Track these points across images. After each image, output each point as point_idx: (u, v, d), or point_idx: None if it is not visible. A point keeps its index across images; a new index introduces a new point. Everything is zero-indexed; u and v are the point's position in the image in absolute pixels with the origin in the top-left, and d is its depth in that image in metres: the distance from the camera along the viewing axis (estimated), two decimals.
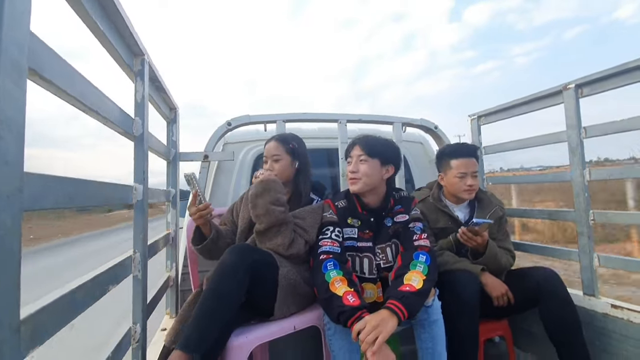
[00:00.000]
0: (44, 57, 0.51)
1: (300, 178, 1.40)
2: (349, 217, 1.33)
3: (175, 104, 1.65)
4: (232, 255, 1.06)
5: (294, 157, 1.39)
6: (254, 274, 1.06)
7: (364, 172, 1.29)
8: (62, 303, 0.59)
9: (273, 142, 1.40)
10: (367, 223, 1.32)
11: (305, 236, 1.26)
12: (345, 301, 1.04)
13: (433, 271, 1.16)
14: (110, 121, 0.82)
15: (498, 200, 1.64)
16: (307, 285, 1.23)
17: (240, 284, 1.02)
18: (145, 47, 1.06)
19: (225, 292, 1.01)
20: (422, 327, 1.14)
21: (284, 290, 1.15)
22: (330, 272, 1.14)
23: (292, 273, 1.19)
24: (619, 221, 1.46)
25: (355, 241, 1.30)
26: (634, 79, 1.29)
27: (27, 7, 0.47)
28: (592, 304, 1.41)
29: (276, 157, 1.37)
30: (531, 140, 1.72)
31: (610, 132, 1.40)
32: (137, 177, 1.05)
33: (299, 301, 1.22)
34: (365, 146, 1.32)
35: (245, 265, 1.05)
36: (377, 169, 1.31)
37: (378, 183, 1.32)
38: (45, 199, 0.50)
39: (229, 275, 1.03)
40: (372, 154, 1.31)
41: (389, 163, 1.34)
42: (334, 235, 1.26)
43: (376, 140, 1.35)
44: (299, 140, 1.45)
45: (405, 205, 1.36)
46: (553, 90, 1.55)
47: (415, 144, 2.29)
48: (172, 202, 1.64)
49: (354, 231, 1.31)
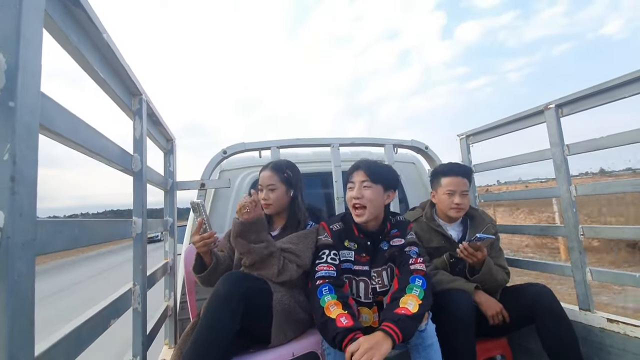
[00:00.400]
0: (53, 113, 0.56)
1: (295, 205, 1.43)
2: (346, 239, 1.33)
3: (172, 135, 1.71)
4: (225, 285, 1.08)
5: (288, 186, 1.42)
6: (248, 302, 1.08)
7: (368, 198, 1.27)
8: (70, 339, 0.62)
9: (268, 172, 1.42)
10: (364, 247, 1.32)
11: (297, 261, 1.27)
12: (339, 323, 1.06)
13: (428, 295, 1.17)
14: (112, 161, 0.87)
15: (490, 217, 1.68)
16: (303, 310, 1.24)
17: (234, 312, 1.05)
18: (143, 87, 1.12)
19: (220, 322, 1.03)
20: (417, 351, 1.14)
21: (279, 315, 1.16)
22: (325, 297, 1.16)
23: (286, 298, 1.20)
24: (608, 235, 1.50)
25: (352, 264, 1.31)
26: (610, 98, 1.37)
27: (38, 70, 0.52)
28: (588, 319, 1.43)
29: (271, 187, 1.39)
30: (518, 158, 1.78)
31: (592, 149, 1.46)
32: (136, 211, 1.09)
33: (295, 326, 1.23)
34: (369, 171, 1.29)
35: (239, 294, 1.07)
36: (380, 195, 1.29)
37: (380, 210, 1.31)
38: (54, 243, 0.54)
39: (223, 304, 1.05)
40: (376, 180, 1.29)
41: (391, 188, 1.33)
42: (330, 259, 1.27)
43: (379, 166, 1.33)
44: (293, 169, 1.46)
45: (402, 229, 1.36)
46: (535, 110, 1.62)
47: (407, 164, 2.35)
48: (170, 231, 1.67)
49: (351, 254, 1.31)
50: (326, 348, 1.13)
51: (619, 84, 1.31)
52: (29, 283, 0.45)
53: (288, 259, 1.27)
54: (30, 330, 0.45)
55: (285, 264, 1.25)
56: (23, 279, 0.43)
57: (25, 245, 0.44)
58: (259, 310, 1.13)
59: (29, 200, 0.45)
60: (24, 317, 0.44)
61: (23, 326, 0.44)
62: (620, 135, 1.33)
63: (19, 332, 0.43)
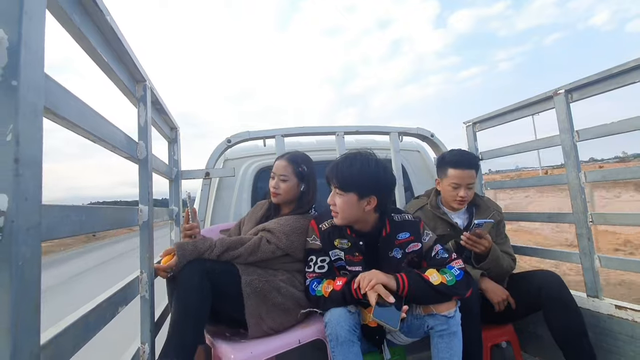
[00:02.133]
0: (58, 96, 0.55)
1: (304, 199, 1.42)
2: (337, 238, 1.26)
3: (175, 124, 1.69)
4: (184, 269, 1.12)
5: (300, 180, 1.40)
6: (215, 284, 1.11)
7: (340, 206, 1.20)
8: (78, 326, 0.61)
9: (284, 162, 1.41)
10: (356, 246, 1.25)
11: (277, 243, 1.25)
12: (337, 287, 1.15)
13: (459, 287, 1.13)
14: (117, 147, 0.86)
15: (495, 204, 1.66)
16: (282, 295, 1.21)
17: (200, 293, 1.07)
18: (147, 73, 1.10)
19: (187, 302, 1.06)
20: (440, 337, 1.12)
21: (250, 299, 1.15)
22: (317, 288, 1.20)
23: (257, 281, 1.18)
24: (617, 222, 1.48)
25: (344, 262, 1.26)
26: (620, 83, 1.33)
27: (41, 48, 0.50)
28: (596, 306, 1.42)
29: (283, 177, 1.38)
30: (526, 145, 1.76)
31: (602, 135, 1.44)
32: (142, 199, 1.08)
33: (275, 312, 1.20)
34: (338, 179, 1.20)
35: (198, 271, 1.10)
36: (353, 203, 1.18)
37: (360, 215, 1.21)
38: (61, 229, 0.53)
39: (185, 284, 1.09)
40: (347, 188, 1.18)
41: (369, 194, 1.18)
42: (317, 267, 1.25)
43: (352, 170, 1.18)
44: (309, 164, 1.44)
45: (413, 231, 1.27)
46: (544, 96, 1.59)
47: (412, 152, 2.32)
48: (175, 220, 1.67)
49: (341, 253, 1.26)
50: (328, 334, 1.13)
51: (629, 68, 1.27)
52: (35, 269, 0.44)
53: (267, 238, 1.26)
54: (35, 318, 0.44)
55: (262, 243, 1.24)
56: (28, 265, 0.43)
57: (30, 230, 0.43)
58: (228, 293, 1.14)
59: (34, 184, 0.44)
60: (28, 304, 0.43)
61: (28, 313, 0.43)
62: (632, 120, 1.30)
63: (24, 319, 0.42)
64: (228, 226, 1.65)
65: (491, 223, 1.39)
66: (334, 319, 1.10)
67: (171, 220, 1.66)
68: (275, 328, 1.20)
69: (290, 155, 1.45)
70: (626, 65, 1.27)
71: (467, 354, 1.18)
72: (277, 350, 1.14)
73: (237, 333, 1.25)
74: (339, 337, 1.08)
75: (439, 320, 1.12)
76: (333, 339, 1.10)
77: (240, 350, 1.10)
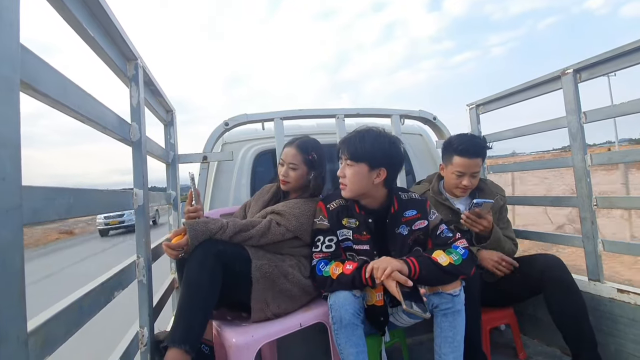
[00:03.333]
0: (36, 69, 0.51)
1: (313, 185, 1.38)
2: (345, 217, 1.26)
3: (171, 106, 1.65)
4: (196, 250, 1.09)
5: (310, 168, 1.37)
6: (226, 267, 1.08)
7: (349, 177, 1.21)
8: (70, 312, 0.60)
9: (293, 149, 1.37)
10: (365, 224, 1.24)
11: (287, 225, 1.24)
12: (347, 272, 1.13)
13: (465, 265, 1.15)
14: (108, 129, 0.82)
15: (499, 188, 1.64)
16: (289, 281, 1.20)
17: (211, 276, 1.05)
18: (139, 51, 1.05)
19: (198, 284, 1.04)
20: (444, 315, 1.13)
21: (259, 283, 1.13)
22: (324, 269, 1.18)
23: (268, 266, 1.16)
24: (622, 206, 1.46)
25: (352, 242, 1.25)
26: (630, 62, 1.28)
27: (16, 18, 0.46)
28: (597, 289, 1.41)
29: (293, 166, 1.35)
30: (531, 127, 1.71)
31: (611, 116, 1.40)
32: (136, 182, 1.05)
33: (280, 298, 1.19)
34: (349, 150, 1.21)
35: (211, 254, 1.07)
36: (364, 174, 1.20)
37: (369, 188, 1.22)
38: (45, 212, 0.51)
39: (198, 270, 1.06)
40: (358, 158, 1.20)
41: (380, 166, 1.20)
42: (325, 247, 1.24)
43: (362, 142, 1.20)
44: (319, 150, 1.39)
45: (421, 209, 1.27)
46: (551, 76, 1.53)
47: (414, 135, 2.28)
48: (173, 205, 1.65)
49: (349, 233, 1.25)
50: (332, 317, 1.12)
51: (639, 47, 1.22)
52: (17, 253, 0.42)
53: (277, 220, 1.24)
54: (20, 304, 0.42)
55: (272, 226, 1.22)
56: (9, 249, 0.40)
57: (10, 212, 0.41)
58: (239, 277, 1.12)
59: (12, 163, 0.41)
60: (12, 290, 0.41)
61: (11, 299, 0.41)
62: None
63: (8, 305, 0.40)
64: (229, 210, 1.63)
65: (490, 203, 1.36)
66: (339, 302, 1.10)
67: (169, 204, 1.63)
68: (279, 314, 1.18)
69: (300, 142, 1.39)
70: (637, 43, 1.22)
71: (467, 336, 1.18)
72: (279, 334, 1.14)
73: (239, 317, 1.25)
74: (343, 320, 1.08)
75: (444, 299, 1.13)
76: (337, 322, 1.10)
77: (242, 333, 1.09)
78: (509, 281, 1.45)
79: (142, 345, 1.01)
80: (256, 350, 1.07)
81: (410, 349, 1.45)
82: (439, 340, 1.14)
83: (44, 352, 0.52)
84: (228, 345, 1.09)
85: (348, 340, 1.08)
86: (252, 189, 1.88)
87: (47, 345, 0.52)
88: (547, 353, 1.57)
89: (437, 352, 1.15)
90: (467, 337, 1.18)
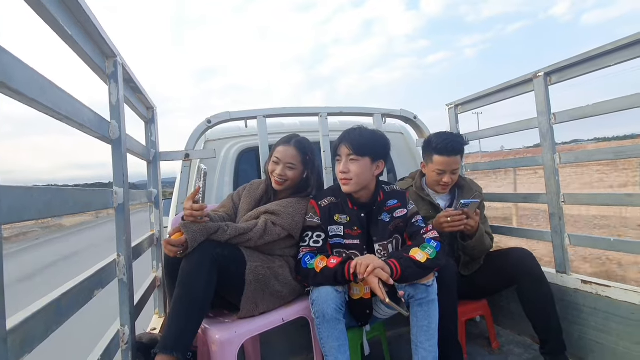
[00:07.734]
0: (10, 67, 0.51)
1: (306, 185, 1.41)
2: (336, 214, 1.30)
3: (152, 104, 1.63)
4: (195, 253, 1.07)
5: (305, 167, 1.39)
6: (221, 270, 1.08)
7: (355, 172, 1.25)
8: (49, 310, 0.60)
9: (292, 149, 1.35)
10: (357, 219, 1.30)
11: (282, 224, 1.25)
12: (331, 265, 1.16)
13: (440, 257, 1.20)
14: (87, 127, 0.81)
15: (477, 185, 1.70)
16: (280, 283, 1.22)
17: (207, 280, 1.05)
18: (118, 48, 1.04)
19: (194, 291, 1.04)
20: (420, 305, 1.18)
21: (252, 285, 1.14)
22: (309, 262, 1.21)
23: (261, 269, 1.18)
24: (588, 202, 1.54)
25: (342, 239, 1.29)
26: (598, 66, 1.36)
27: None
28: (564, 281, 1.50)
29: (291, 166, 1.34)
30: (505, 127, 1.78)
31: (577, 118, 1.47)
32: (117, 181, 1.04)
33: (270, 300, 1.20)
34: (354, 145, 1.26)
35: (209, 260, 1.06)
36: (367, 167, 1.26)
37: (369, 181, 1.29)
38: (24, 211, 0.51)
39: (195, 273, 1.05)
40: (362, 153, 1.25)
41: (380, 159, 1.29)
42: (313, 242, 1.27)
43: (364, 137, 1.27)
44: (313, 151, 1.42)
45: (401, 199, 1.35)
46: (524, 79, 1.60)
47: (396, 134, 2.32)
48: (155, 203, 1.63)
49: (340, 229, 1.29)
50: (315, 312, 1.15)
51: (606, 51, 1.30)
52: None
53: (272, 220, 1.25)
54: None
55: (268, 226, 1.23)
56: None
57: None
58: (231, 278, 1.13)
59: None
60: None
61: None
62: (607, 103, 1.33)
63: None
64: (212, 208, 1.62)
65: (477, 203, 1.42)
66: (322, 298, 1.12)
67: (150, 203, 1.62)
68: (266, 311, 1.21)
69: (297, 142, 1.38)
70: (604, 47, 1.29)
71: (443, 327, 1.23)
72: (261, 329, 1.15)
73: (221, 314, 1.26)
74: (326, 315, 1.10)
75: (419, 290, 1.18)
76: (320, 317, 1.12)
77: (225, 330, 1.11)
78: (484, 274, 1.52)
79: (123, 344, 1.00)
80: (239, 345, 1.09)
81: (389, 341, 1.50)
82: (415, 329, 1.19)
83: (24, 349, 0.52)
84: (211, 342, 1.10)
85: (330, 335, 1.11)
86: (235, 187, 1.88)
87: (26, 343, 0.52)
88: (518, 342, 1.65)
89: (414, 341, 1.19)
90: (444, 327, 1.24)
